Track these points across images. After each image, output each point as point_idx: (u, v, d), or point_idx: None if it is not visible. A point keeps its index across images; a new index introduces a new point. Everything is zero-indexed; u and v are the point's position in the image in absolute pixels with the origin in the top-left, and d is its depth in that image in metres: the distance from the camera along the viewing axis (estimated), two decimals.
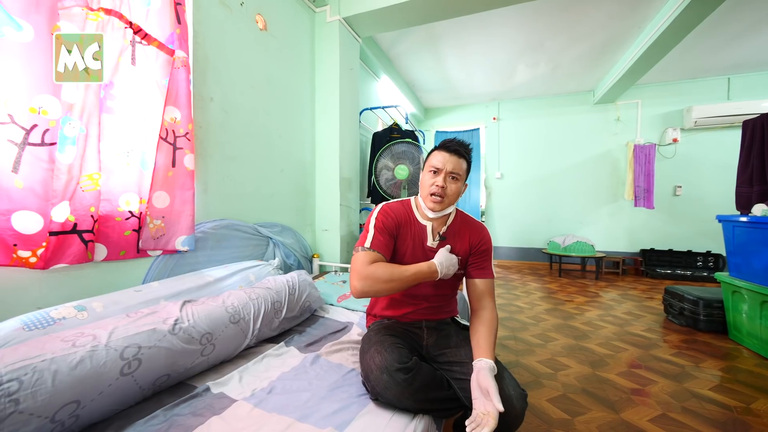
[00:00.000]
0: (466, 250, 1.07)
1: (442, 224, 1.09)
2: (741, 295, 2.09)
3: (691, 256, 4.23)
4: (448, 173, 1.01)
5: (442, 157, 1.02)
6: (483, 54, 3.67)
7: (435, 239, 1.07)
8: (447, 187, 1.01)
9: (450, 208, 1.08)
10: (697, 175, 4.28)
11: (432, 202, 1.03)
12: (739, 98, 4.03)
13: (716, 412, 1.39)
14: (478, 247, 1.07)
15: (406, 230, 1.07)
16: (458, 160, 1.02)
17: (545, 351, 1.99)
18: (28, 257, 0.97)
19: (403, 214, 1.08)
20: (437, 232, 1.08)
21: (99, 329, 0.82)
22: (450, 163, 1.01)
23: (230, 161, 1.72)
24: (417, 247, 1.07)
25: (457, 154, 1.02)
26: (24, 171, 0.96)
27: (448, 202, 1.03)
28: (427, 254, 1.05)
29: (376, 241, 1.00)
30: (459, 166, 1.02)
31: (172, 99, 1.34)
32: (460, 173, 1.03)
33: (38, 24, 0.97)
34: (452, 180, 1.02)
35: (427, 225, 1.07)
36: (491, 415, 0.73)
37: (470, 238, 1.08)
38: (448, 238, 1.07)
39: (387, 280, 0.92)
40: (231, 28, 1.72)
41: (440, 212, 1.05)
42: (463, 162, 1.03)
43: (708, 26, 2.88)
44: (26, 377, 0.64)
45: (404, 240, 1.07)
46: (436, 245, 1.06)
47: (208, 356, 1.00)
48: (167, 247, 1.36)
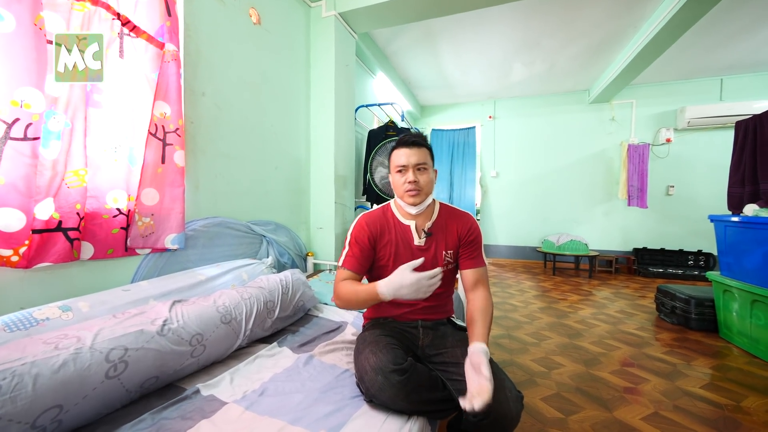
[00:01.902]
0: (455, 243, 1.07)
1: (426, 220, 1.08)
2: (732, 294, 2.11)
3: (682, 255, 4.28)
4: (414, 166, 1.03)
5: (404, 154, 1.04)
6: (479, 52, 3.65)
7: (421, 237, 1.06)
8: (418, 180, 1.02)
9: (429, 199, 1.08)
10: (689, 175, 4.32)
11: (410, 197, 1.03)
12: (732, 99, 4.08)
13: (707, 410, 1.41)
14: (467, 237, 1.07)
15: (386, 236, 1.07)
16: (419, 150, 1.03)
17: (539, 350, 2.00)
18: (9, 256, 0.93)
19: (380, 222, 1.09)
20: (422, 229, 1.07)
21: (83, 330, 0.79)
22: (413, 156, 1.03)
23: (223, 158, 1.69)
24: (404, 249, 1.06)
25: (416, 145, 1.04)
26: (5, 166, 0.93)
27: (425, 193, 1.05)
28: (415, 254, 1.05)
29: (348, 259, 1.05)
30: (422, 156, 1.03)
31: (161, 93, 1.30)
32: (426, 162, 1.04)
33: (20, 14, 0.93)
34: (420, 171, 1.04)
35: (410, 224, 1.07)
36: (485, 388, 0.73)
37: (458, 229, 1.08)
38: (435, 233, 1.07)
39: (347, 300, 0.98)
40: (224, 21, 1.68)
41: (421, 205, 1.06)
42: (425, 150, 1.05)
43: (702, 27, 2.90)
44: (5, 382, 0.61)
45: (385, 246, 1.07)
46: (423, 243, 1.06)
47: (198, 357, 0.97)
48: (156, 245, 1.33)
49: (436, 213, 1.10)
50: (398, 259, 1.05)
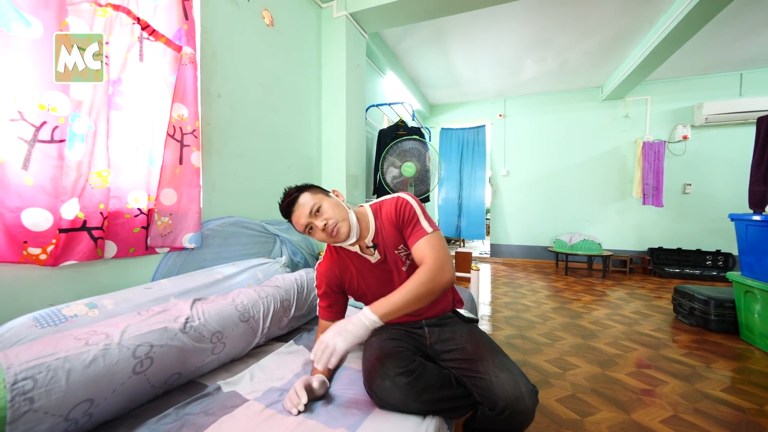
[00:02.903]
0: (396, 233, 0.99)
1: (366, 232, 1.00)
2: (754, 295, 2.06)
3: (700, 255, 4.18)
4: (311, 217, 0.93)
5: (294, 218, 0.95)
6: (490, 50, 3.62)
7: (373, 254, 1.02)
8: (326, 222, 0.92)
9: (352, 218, 0.97)
10: (707, 172, 4.21)
11: (335, 241, 0.96)
12: (752, 94, 3.95)
13: (729, 414, 1.38)
14: (399, 218, 0.97)
15: (347, 273, 1.05)
16: (301, 201, 0.94)
17: (553, 350, 1.98)
18: (38, 254, 0.97)
19: (334, 264, 1.06)
20: (366, 247, 1.01)
21: (111, 327, 0.82)
22: (301, 215, 0.94)
23: (237, 158, 1.71)
24: (367, 273, 1.03)
25: (294, 200, 0.95)
26: (34, 168, 0.96)
27: (342, 220, 0.94)
28: (380, 270, 1.02)
29: (321, 311, 1.07)
30: (309, 202, 0.94)
31: (179, 96, 1.33)
32: (316, 202, 0.94)
33: (47, 20, 0.96)
34: (319, 213, 0.94)
35: (356, 249, 1.02)
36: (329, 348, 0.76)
37: (389, 218, 0.99)
38: (379, 242, 1.01)
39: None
40: (238, 23, 1.71)
41: (351, 232, 0.96)
42: (304, 194, 0.95)
43: (721, 19, 2.80)
44: (40, 376, 0.64)
45: (351, 281, 1.05)
46: (378, 256, 1.01)
47: (219, 355, 0.99)
48: (174, 244, 1.36)
49: (372, 221, 1.01)
50: (370, 285, 1.04)
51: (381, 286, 1.02)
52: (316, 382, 0.87)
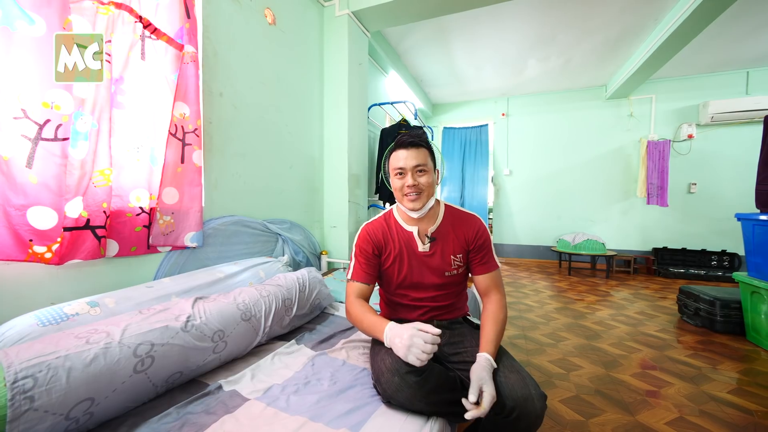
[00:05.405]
0: (463, 247, 1.03)
1: (430, 224, 1.04)
2: (761, 296, 2.03)
3: (705, 255, 4.13)
4: (413, 169, 0.97)
5: (402, 156, 0.98)
6: (493, 48, 3.60)
7: (425, 243, 1.03)
8: (418, 182, 0.97)
9: (431, 201, 1.02)
10: (713, 172, 4.16)
11: (409, 201, 0.98)
12: (759, 93, 3.90)
13: (736, 416, 1.36)
14: (475, 241, 1.02)
15: (389, 245, 1.05)
16: (418, 151, 0.98)
17: (556, 351, 1.96)
18: (43, 253, 0.97)
19: (383, 230, 1.06)
20: (425, 234, 1.03)
21: (112, 326, 0.81)
22: (411, 158, 0.97)
23: (239, 157, 1.71)
24: (408, 255, 1.04)
25: (414, 146, 0.98)
26: (38, 166, 0.96)
27: (426, 196, 0.99)
28: (421, 260, 1.03)
29: (356, 272, 1.04)
30: (422, 157, 0.98)
31: (181, 94, 1.33)
32: (426, 163, 0.98)
33: (50, 18, 0.96)
34: (420, 173, 0.98)
35: (413, 230, 1.04)
36: (480, 410, 0.74)
37: (464, 234, 1.03)
38: (438, 239, 1.03)
39: (355, 321, 0.99)
40: (240, 22, 1.70)
41: (423, 209, 1.00)
42: (424, 151, 0.99)
43: (728, 16, 2.77)
44: (41, 374, 0.64)
45: (389, 255, 1.05)
46: (428, 248, 1.03)
47: (220, 354, 0.99)
48: (176, 243, 1.36)
49: (441, 216, 1.05)
50: (404, 267, 1.03)
51: (413, 274, 1.02)
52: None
